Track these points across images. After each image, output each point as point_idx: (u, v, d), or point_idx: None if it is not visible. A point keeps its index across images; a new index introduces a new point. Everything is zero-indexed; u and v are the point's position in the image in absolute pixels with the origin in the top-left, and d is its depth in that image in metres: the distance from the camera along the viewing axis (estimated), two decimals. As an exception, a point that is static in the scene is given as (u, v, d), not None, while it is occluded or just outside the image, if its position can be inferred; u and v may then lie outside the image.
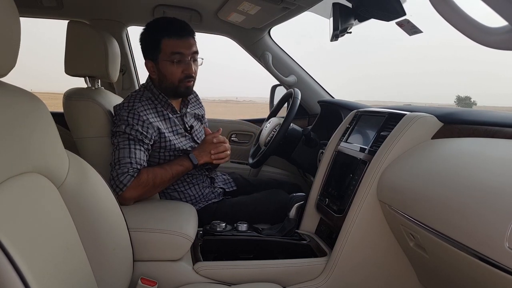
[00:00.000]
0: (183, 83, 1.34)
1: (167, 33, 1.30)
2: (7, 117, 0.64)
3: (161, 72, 1.33)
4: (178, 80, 1.33)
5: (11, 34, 0.64)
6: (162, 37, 1.29)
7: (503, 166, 0.74)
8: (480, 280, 0.73)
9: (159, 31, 1.31)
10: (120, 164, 1.20)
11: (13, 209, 0.61)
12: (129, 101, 1.31)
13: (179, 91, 1.36)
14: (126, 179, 1.17)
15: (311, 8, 1.53)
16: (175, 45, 1.30)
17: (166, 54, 1.30)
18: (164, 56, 1.30)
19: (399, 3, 1.09)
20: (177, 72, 1.32)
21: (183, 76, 1.33)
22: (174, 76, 1.32)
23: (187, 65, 1.32)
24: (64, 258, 0.71)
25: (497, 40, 0.39)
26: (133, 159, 1.21)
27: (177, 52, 1.30)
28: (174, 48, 1.29)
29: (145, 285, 1.00)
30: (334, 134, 1.40)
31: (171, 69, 1.31)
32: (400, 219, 0.95)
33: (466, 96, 68.92)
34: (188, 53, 1.31)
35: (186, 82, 1.34)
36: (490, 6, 0.37)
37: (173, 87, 1.34)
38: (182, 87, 1.35)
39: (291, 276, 1.12)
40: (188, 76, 1.33)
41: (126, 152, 1.21)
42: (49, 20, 2.00)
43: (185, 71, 1.32)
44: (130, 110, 1.27)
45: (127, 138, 1.23)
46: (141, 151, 1.24)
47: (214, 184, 1.53)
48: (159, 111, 1.35)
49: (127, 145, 1.23)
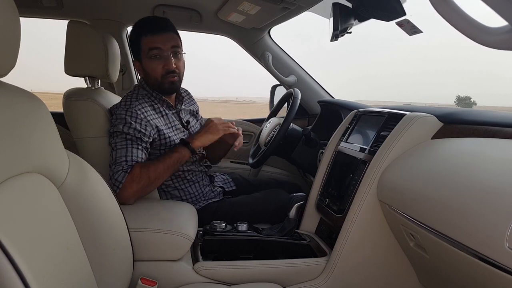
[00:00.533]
0: (166, 79, 1.34)
1: (144, 31, 1.32)
2: (7, 117, 0.64)
3: (145, 70, 1.35)
4: (161, 76, 1.33)
5: (11, 34, 0.64)
6: (141, 36, 1.32)
7: (503, 166, 0.74)
8: (480, 280, 0.73)
9: (138, 31, 1.34)
10: (116, 163, 1.20)
11: (13, 209, 0.61)
12: (126, 100, 1.31)
13: (164, 87, 1.36)
14: (120, 176, 1.17)
15: (311, 8, 1.53)
16: (151, 41, 1.31)
17: (145, 51, 1.32)
18: (144, 53, 1.33)
19: (399, 3, 1.09)
20: (158, 68, 1.32)
21: (164, 71, 1.33)
22: (156, 72, 1.33)
23: (166, 60, 1.32)
24: (64, 258, 0.71)
25: (497, 40, 0.39)
26: (129, 157, 1.21)
27: (154, 48, 1.31)
28: (151, 44, 1.31)
29: (145, 285, 1.00)
30: (334, 134, 1.40)
31: (151, 66, 1.33)
32: (400, 219, 0.95)
33: (466, 96, 68.92)
34: (166, 48, 1.31)
35: (169, 77, 1.34)
36: (490, 6, 0.37)
37: (157, 83, 1.35)
38: (166, 83, 1.34)
39: (291, 276, 1.12)
40: (169, 71, 1.33)
41: (123, 152, 1.22)
42: (49, 20, 2.01)
43: (166, 67, 1.32)
44: (128, 109, 1.27)
45: (124, 138, 1.23)
46: (139, 150, 1.24)
47: (214, 183, 1.53)
48: (156, 108, 1.36)
49: (124, 145, 1.23)
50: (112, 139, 1.26)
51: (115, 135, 1.25)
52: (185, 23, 1.87)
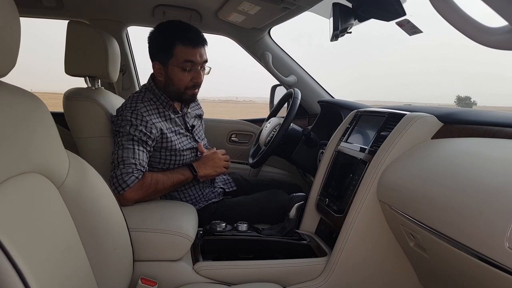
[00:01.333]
0: (189, 90, 1.35)
1: (182, 40, 1.28)
2: (7, 117, 0.65)
3: (169, 76, 1.32)
4: (185, 87, 1.34)
5: (11, 34, 0.64)
6: (177, 43, 1.28)
7: (503, 166, 0.74)
8: (480, 280, 0.73)
9: (174, 36, 1.29)
10: (124, 163, 1.19)
11: (13, 209, 0.62)
12: (132, 101, 1.30)
13: (184, 97, 1.37)
14: (131, 180, 1.17)
15: (311, 8, 1.53)
16: (189, 53, 1.29)
17: (178, 60, 1.29)
18: (175, 61, 1.30)
19: (399, 3, 1.09)
20: (186, 80, 1.32)
21: (191, 84, 1.34)
22: (182, 83, 1.32)
23: (197, 74, 1.33)
24: (64, 258, 0.71)
25: (497, 40, 0.39)
26: (137, 160, 1.21)
27: (190, 61, 1.29)
28: (188, 56, 1.29)
29: (145, 285, 1.00)
30: (334, 134, 1.40)
31: (180, 76, 1.31)
32: (400, 219, 0.95)
33: (466, 96, 68.95)
34: (199, 63, 1.31)
35: (193, 90, 1.36)
36: (490, 6, 0.37)
37: (178, 93, 1.35)
38: (188, 94, 1.36)
39: (291, 276, 1.12)
40: (196, 84, 1.35)
41: (130, 153, 1.21)
42: (49, 20, 2.01)
43: (194, 80, 1.33)
44: (133, 111, 1.26)
45: (131, 139, 1.23)
46: (144, 153, 1.24)
47: (214, 184, 1.53)
48: (160, 111, 1.35)
49: (131, 146, 1.22)
50: (117, 137, 1.26)
51: (122, 134, 1.25)
52: (185, 23, 1.87)
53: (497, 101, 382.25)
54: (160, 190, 1.25)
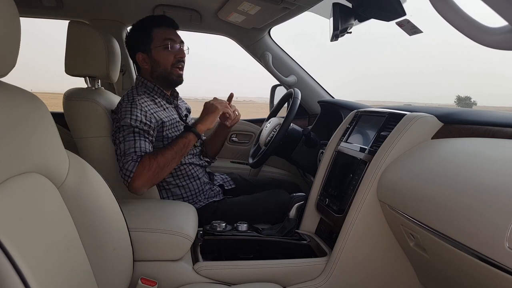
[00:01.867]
0: (174, 70, 1.40)
1: (157, 24, 1.39)
2: (7, 117, 0.64)
3: (154, 59, 1.39)
4: (171, 65, 1.40)
5: (11, 34, 0.64)
6: (153, 28, 1.38)
7: (503, 166, 0.74)
8: (480, 280, 0.73)
9: (148, 24, 1.39)
10: (125, 154, 1.22)
11: (13, 209, 0.61)
12: (128, 95, 1.34)
13: (171, 78, 1.41)
14: (131, 166, 1.19)
15: (311, 8, 1.53)
16: (166, 32, 1.39)
17: (158, 41, 1.37)
18: (156, 43, 1.38)
19: (399, 3, 1.09)
20: (170, 57, 1.39)
21: (175, 60, 1.40)
22: (167, 61, 1.39)
23: (179, 50, 1.40)
24: (64, 258, 0.71)
25: (497, 40, 0.39)
26: (138, 148, 1.23)
27: (169, 38, 1.38)
28: (167, 35, 1.38)
29: (145, 285, 1.00)
30: (334, 134, 1.40)
31: (165, 54, 1.38)
32: (400, 219, 0.95)
33: (466, 96, 68.94)
34: (177, 40, 1.40)
35: (177, 68, 1.41)
36: (490, 6, 0.37)
37: (165, 73, 1.40)
38: (174, 74, 1.41)
39: (291, 276, 1.12)
40: (180, 60, 1.40)
41: (131, 143, 1.23)
42: (49, 19, 2.01)
43: (178, 56, 1.40)
44: (132, 102, 1.29)
45: (132, 131, 1.25)
46: (146, 142, 1.26)
47: (213, 182, 1.54)
48: (157, 102, 1.39)
49: (132, 138, 1.24)
50: (119, 133, 1.27)
51: (123, 129, 1.26)
52: (185, 23, 1.87)
53: (497, 101, 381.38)
54: (164, 163, 1.23)
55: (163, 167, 1.23)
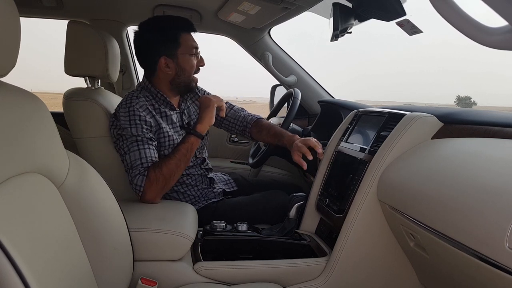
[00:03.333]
0: (194, 77, 1.40)
1: (185, 28, 1.35)
2: (7, 117, 0.64)
3: (180, 66, 1.35)
4: (193, 73, 1.39)
5: (11, 34, 0.64)
6: (180, 32, 1.33)
7: (503, 166, 0.74)
8: (480, 280, 0.73)
9: (176, 28, 1.34)
10: (132, 167, 1.22)
11: (13, 209, 0.61)
12: (127, 100, 1.30)
13: (192, 85, 1.41)
14: (139, 180, 1.20)
15: (311, 8, 1.53)
16: (192, 40, 1.36)
17: (186, 47, 1.34)
18: (183, 49, 1.34)
19: (399, 3, 1.09)
20: (195, 66, 1.38)
21: (197, 68, 1.40)
22: (192, 69, 1.38)
23: (200, 58, 1.40)
24: (64, 258, 0.71)
25: (497, 40, 0.39)
26: (144, 159, 1.22)
27: (195, 47, 1.36)
28: (193, 42, 1.36)
29: (145, 285, 1.00)
30: (334, 134, 1.40)
31: (191, 63, 1.36)
32: (400, 219, 0.95)
33: (466, 96, 68.95)
34: (198, 47, 1.39)
35: (195, 75, 1.41)
36: (490, 6, 0.37)
37: (188, 81, 1.39)
38: (194, 81, 1.41)
39: (291, 276, 1.12)
40: (200, 67, 1.41)
41: (137, 155, 1.23)
42: (49, 20, 2.01)
43: (200, 64, 1.40)
44: (130, 109, 1.26)
45: (135, 140, 1.24)
46: (151, 150, 1.25)
47: (214, 185, 1.53)
48: (156, 108, 1.35)
49: (136, 148, 1.23)
50: (121, 142, 1.26)
51: (124, 138, 1.25)
52: (185, 23, 1.87)
53: (497, 101, 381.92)
54: (170, 173, 1.23)
55: (170, 177, 1.23)
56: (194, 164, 1.44)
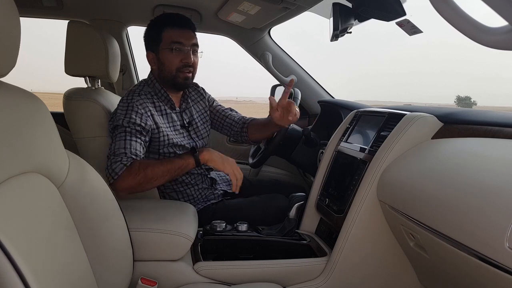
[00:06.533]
0: (181, 73, 1.35)
1: (169, 24, 1.34)
2: (7, 117, 0.64)
3: (161, 61, 1.35)
4: (176, 69, 1.34)
5: (11, 34, 0.64)
6: (164, 28, 1.34)
7: (503, 166, 0.74)
8: (480, 280, 0.73)
9: (161, 23, 1.35)
10: (115, 154, 1.18)
11: (13, 209, 0.62)
12: (128, 95, 1.31)
13: (177, 81, 1.36)
14: (118, 167, 1.14)
15: (311, 8, 1.53)
16: (175, 35, 1.33)
17: (166, 43, 1.33)
18: (164, 45, 1.33)
19: (399, 3, 1.09)
20: (175, 61, 1.34)
21: (181, 64, 1.34)
22: (172, 64, 1.34)
23: (186, 54, 1.34)
24: (64, 258, 0.71)
25: (497, 40, 0.39)
26: (128, 149, 1.19)
27: (177, 42, 1.33)
28: (174, 38, 1.33)
29: (145, 285, 1.00)
30: (334, 134, 1.40)
31: (169, 57, 1.34)
32: (400, 219, 0.95)
33: (466, 96, 68.99)
34: (187, 43, 1.34)
35: (184, 72, 1.35)
36: (490, 6, 0.37)
37: (171, 76, 1.35)
38: (180, 77, 1.35)
39: (291, 276, 1.12)
40: (186, 65, 1.35)
41: (122, 144, 1.20)
42: (49, 20, 2.01)
43: (184, 60, 1.34)
44: (129, 104, 1.27)
45: (124, 131, 1.23)
46: (137, 143, 1.22)
47: (215, 186, 1.52)
48: (157, 106, 1.35)
49: (123, 137, 1.22)
50: (112, 132, 1.26)
51: (116, 128, 1.25)
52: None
53: (497, 101, 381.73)
54: (152, 176, 1.16)
55: (150, 179, 1.16)
56: None
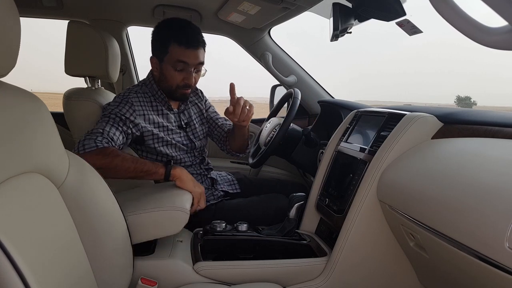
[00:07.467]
0: (180, 90, 1.35)
1: (178, 39, 1.28)
2: (7, 117, 0.64)
3: (163, 72, 1.34)
4: (176, 86, 1.34)
5: (11, 34, 0.64)
6: (172, 42, 1.29)
7: (503, 166, 0.74)
8: (480, 280, 0.73)
9: (170, 34, 1.30)
10: (91, 133, 1.16)
11: (13, 209, 0.62)
12: (125, 92, 1.32)
13: (175, 96, 1.37)
14: (89, 144, 1.11)
15: (311, 8, 1.53)
16: (181, 54, 1.29)
17: (171, 59, 1.30)
18: (169, 60, 1.31)
19: (399, 3, 1.09)
20: (177, 79, 1.33)
21: (182, 84, 1.34)
22: (173, 81, 1.33)
23: (188, 75, 1.33)
24: (64, 258, 0.71)
25: (497, 40, 0.39)
26: (106, 132, 1.17)
27: (182, 61, 1.30)
28: (180, 57, 1.29)
29: (145, 285, 1.00)
30: (334, 134, 1.40)
31: (172, 74, 1.32)
32: (400, 219, 0.95)
33: (466, 96, 68.99)
34: (192, 64, 1.32)
35: (184, 89, 1.36)
36: (490, 6, 0.37)
37: (170, 90, 1.36)
38: (179, 93, 1.36)
39: (291, 276, 1.12)
40: (187, 84, 1.34)
41: (102, 125, 1.19)
42: (49, 20, 2.01)
43: (185, 80, 1.33)
44: (123, 99, 1.28)
45: (108, 117, 1.23)
46: (117, 130, 1.21)
47: (216, 186, 1.52)
48: (153, 105, 1.36)
49: (106, 121, 1.21)
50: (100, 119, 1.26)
51: (103, 115, 1.25)
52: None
53: (497, 101, 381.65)
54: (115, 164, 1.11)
55: (113, 168, 1.11)
56: (192, 163, 1.43)
